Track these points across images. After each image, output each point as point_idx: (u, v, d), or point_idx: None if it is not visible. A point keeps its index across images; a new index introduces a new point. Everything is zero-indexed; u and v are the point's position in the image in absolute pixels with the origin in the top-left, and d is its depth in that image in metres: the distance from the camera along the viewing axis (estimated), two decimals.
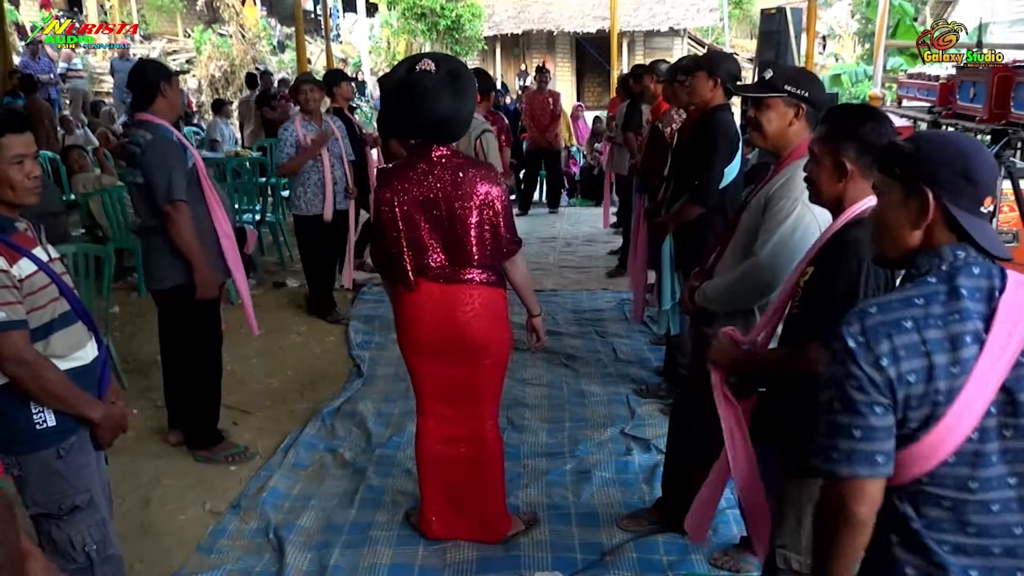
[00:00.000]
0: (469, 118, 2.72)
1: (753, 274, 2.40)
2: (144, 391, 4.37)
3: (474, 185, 2.64)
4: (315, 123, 5.25)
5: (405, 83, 2.58)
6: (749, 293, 2.45)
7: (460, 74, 2.65)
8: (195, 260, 3.37)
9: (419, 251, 2.69)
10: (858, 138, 1.91)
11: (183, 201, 3.31)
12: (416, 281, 2.71)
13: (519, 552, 2.95)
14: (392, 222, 2.67)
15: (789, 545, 2.10)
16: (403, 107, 2.60)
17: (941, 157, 1.41)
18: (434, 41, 18.54)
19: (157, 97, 3.37)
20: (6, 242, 1.99)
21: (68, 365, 2.10)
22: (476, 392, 2.86)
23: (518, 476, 3.48)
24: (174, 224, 3.31)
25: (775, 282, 2.38)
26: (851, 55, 17.36)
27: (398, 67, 2.68)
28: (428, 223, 2.66)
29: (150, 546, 3.04)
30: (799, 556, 2.08)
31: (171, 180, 3.28)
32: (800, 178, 2.31)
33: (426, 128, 2.63)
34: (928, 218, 1.41)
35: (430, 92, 2.55)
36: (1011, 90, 5.50)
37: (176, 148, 3.36)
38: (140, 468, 3.61)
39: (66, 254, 4.25)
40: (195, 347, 3.61)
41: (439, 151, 2.67)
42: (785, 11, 8.82)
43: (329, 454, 3.76)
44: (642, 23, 19.63)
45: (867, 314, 1.36)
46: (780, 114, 2.41)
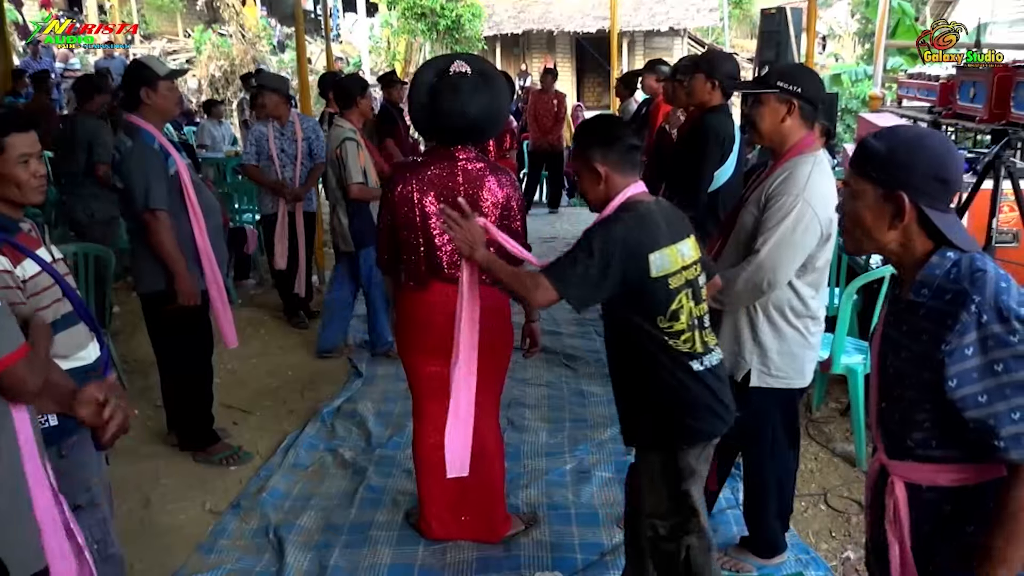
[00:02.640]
0: (503, 118, 2.74)
1: (755, 272, 2.41)
2: (144, 391, 4.38)
3: (495, 189, 2.66)
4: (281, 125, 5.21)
5: (440, 86, 2.57)
6: (753, 292, 2.45)
7: (492, 74, 2.67)
8: (176, 268, 3.34)
9: (433, 251, 2.69)
10: (598, 143, 2.14)
11: (162, 210, 3.28)
12: (429, 281, 2.71)
13: (519, 552, 2.95)
14: (411, 221, 2.66)
15: (654, 513, 2.23)
16: (440, 111, 2.58)
17: (915, 161, 1.46)
18: (434, 41, 18.53)
19: (141, 102, 3.34)
20: (10, 243, 1.99)
21: (71, 365, 2.10)
22: (478, 393, 2.85)
23: (518, 476, 3.48)
24: (153, 233, 3.29)
25: (777, 280, 2.40)
26: (851, 55, 17.34)
27: (425, 70, 2.65)
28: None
29: (150, 546, 3.04)
30: (663, 522, 2.22)
31: (148, 189, 3.25)
32: (801, 174, 2.37)
33: (464, 131, 2.63)
34: (904, 220, 1.47)
35: (467, 94, 2.55)
36: (1011, 90, 5.51)
37: (155, 155, 3.30)
38: (140, 468, 3.61)
39: (67, 254, 4.26)
40: (181, 351, 3.59)
41: (463, 152, 2.67)
42: (785, 11, 8.82)
43: (329, 454, 3.76)
44: (642, 23, 19.61)
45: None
46: (772, 110, 2.43)
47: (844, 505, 3.26)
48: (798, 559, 2.89)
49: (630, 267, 2.03)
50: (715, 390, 2.16)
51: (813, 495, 3.34)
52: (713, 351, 2.20)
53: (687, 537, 2.19)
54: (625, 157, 2.15)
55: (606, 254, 2.00)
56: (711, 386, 2.15)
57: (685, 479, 2.16)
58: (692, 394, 2.13)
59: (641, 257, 2.03)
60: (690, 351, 2.12)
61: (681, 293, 2.10)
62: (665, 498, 2.19)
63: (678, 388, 2.12)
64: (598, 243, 2.02)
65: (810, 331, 2.54)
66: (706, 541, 2.22)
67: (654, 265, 2.05)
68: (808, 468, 3.56)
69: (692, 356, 2.13)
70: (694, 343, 2.13)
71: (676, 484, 2.17)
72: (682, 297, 2.10)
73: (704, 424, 2.15)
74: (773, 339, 2.50)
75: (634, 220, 2.07)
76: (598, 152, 2.14)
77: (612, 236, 2.02)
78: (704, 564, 2.21)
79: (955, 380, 1.39)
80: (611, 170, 2.14)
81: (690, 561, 2.20)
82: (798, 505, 3.27)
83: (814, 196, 2.37)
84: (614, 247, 2.01)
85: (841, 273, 4.22)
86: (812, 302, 2.51)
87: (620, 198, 2.14)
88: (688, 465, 2.15)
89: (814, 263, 2.46)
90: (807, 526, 3.13)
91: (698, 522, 2.20)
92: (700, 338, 2.15)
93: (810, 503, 3.29)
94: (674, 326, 2.09)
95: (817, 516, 3.20)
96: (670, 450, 2.16)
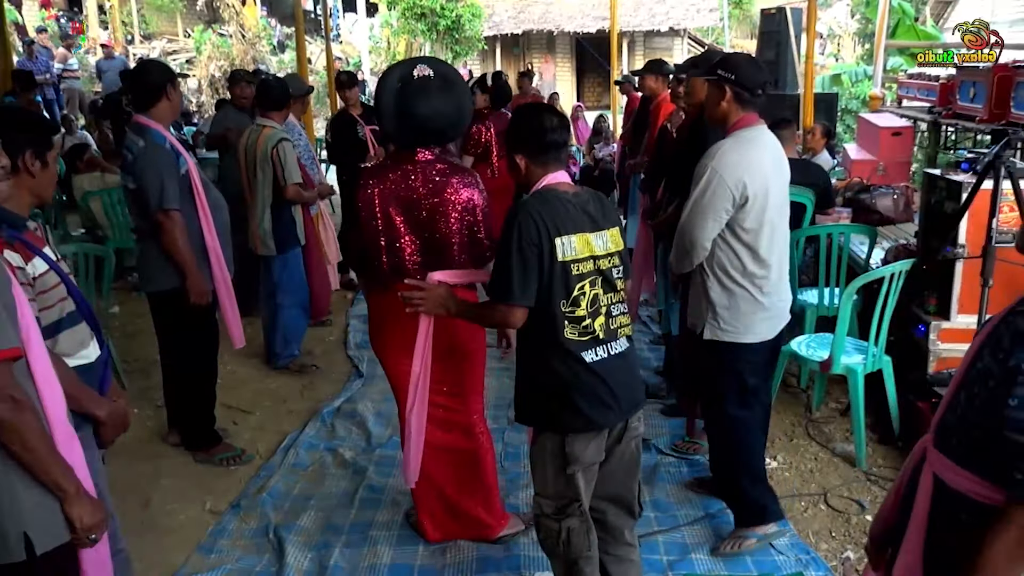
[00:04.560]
0: (466, 119, 2.78)
1: (679, 235, 2.77)
2: (144, 391, 4.38)
3: (456, 190, 2.67)
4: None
5: (405, 91, 2.60)
6: (681, 252, 2.80)
7: (454, 77, 2.70)
8: (188, 267, 3.35)
9: (396, 251, 2.70)
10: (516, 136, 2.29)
11: (176, 210, 3.29)
12: (392, 281, 2.72)
13: (519, 552, 2.95)
14: (372, 225, 2.68)
15: (541, 492, 2.31)
16: (407, 114, 2.61)
17: None
18: (434, 41, 18.52)
19: (161, 99, 3.34)
20: (21, 240, 2.00)
21: (75, 363, 2.12)
22: (460, 388, 2.90)
23: (518, 476, 3.48)
24: (166, 233, 3.30)
25: (695, 242, 2.71)
26: (851, 55, 17.34)
27: (389, 75, 2.68)
28: (407, 224, 2.68)
29: (150, 546, 3.04)
30: (549, 501, 2.28)
31: (163, 189, 3.25)
32: (716, 147, 2.73)
33: (430, 132, 2.65)
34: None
35: (433, 97, 2.58)
36: (1011, 90, 5.51)
37: (168, 155, 3.31)
38: (140, 468, 3.61)
39: (67, 254, 4.26)
40: (189, 350, 3.59)
41: (423, 154, 2.70)
42: (785, 11, 8.80)
43: (329, 454, 3.77)
44: (642, 23, 19.61)
45: None
46: (711, 94, 2.80)
47: (844, 505, 3.26)
48: (798, 559, 2.89)
49: (541, 248, 2.13)
50: (609, 382, 2.20)
51: (813, 495, 3.34)
52: (619, 339, 2.25)
53: (568, 520, 2.26)
54: (541, 151, 2.25)
55: (520, 244, 2.12)
56: (604, 378, 2.20)
57: (571, 464, 2.21)
58: (582, 384, 2.19)
59: (546, 240, 2.13)
60: (590, 339, 2.19)
61: (585, 280, 2.17)
62: (551, 480, 2.26)
63: (569, 377, 2.19)
64: (511, 239, 2.13)
65: (761, 291, 2.76)
66: (586, 524, 2.29)
67: (560, 249, 2.14)
68: (808, 468, 3.56)
69: (590, 345, 2.19)
70: (595, 330, 2.20)
71: (562, 468, 2.23)
72: (585, 284, 2.18)
73: (594, 414, 2.20)
74: (721, 296, 2.76)
75: (538, 205, 2.17)
76: (515, 144, 2.29)
77: (518, 225, 2.14)
78: (580, 545, 2.28)
79: (1017, 400, 1.36)
80: (529, 162, 2.27)
81: (570, 541, 2.27)
82: (798, 505, 3.27)
83: (724, 164, 2.66)
84: (520, 233, 2.13)
85: (841, 273, 4.22)
86: (752, 264, 2.74)
87: (537, 187, 2.26)
88: (574, 452, 2.20)
89: (740, 225, 2.70)
90: (807, 526, 3.13)
91: (579, 506, 2.26)
92: (605, 325, 2.22)
93: (810, 503, 3.29)
94: (575, 311, 2.17)
95: (817, 516, 3.20)
96: (559, 434, 2.22)
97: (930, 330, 3.59)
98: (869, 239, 4.41)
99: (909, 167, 7.54)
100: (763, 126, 2.80)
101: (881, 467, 3.53)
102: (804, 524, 3.14)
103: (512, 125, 2.34)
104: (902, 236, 4.59)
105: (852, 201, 5.14)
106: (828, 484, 3.42)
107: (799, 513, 3.21)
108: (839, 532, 3.09)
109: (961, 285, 3.51)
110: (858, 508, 3.23)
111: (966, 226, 3.44)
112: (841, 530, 3.10)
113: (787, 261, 2.89)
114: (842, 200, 5.24)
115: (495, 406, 4.16)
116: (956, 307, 3.54)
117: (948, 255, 3.47)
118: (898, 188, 5.13)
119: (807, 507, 3.26)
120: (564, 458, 2.21)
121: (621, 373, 2.25)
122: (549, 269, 2.14)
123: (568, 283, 2.16)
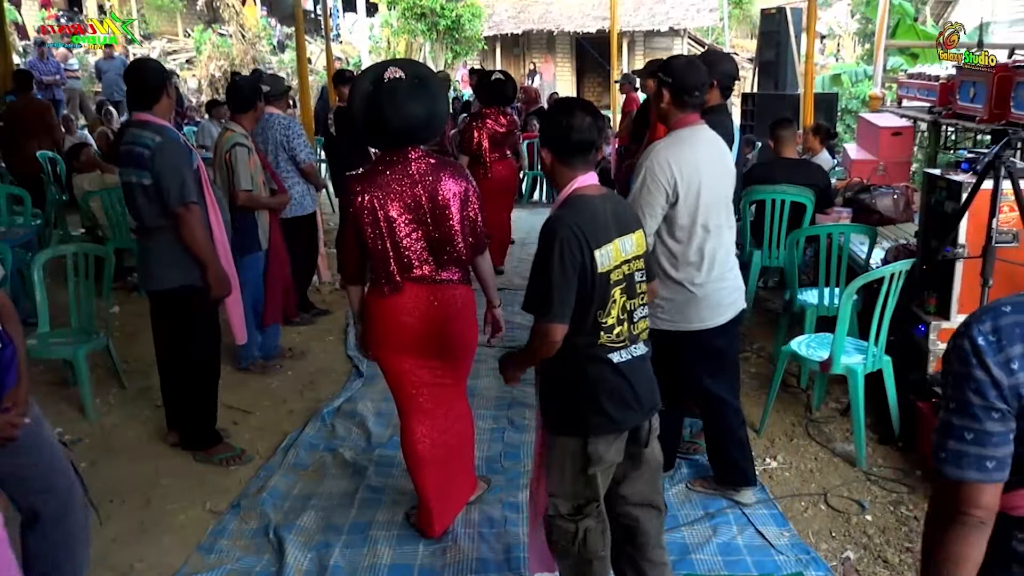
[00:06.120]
0: (445, 118, 2.82)
1: None
2: (144, 391, 4.38)
3: (452, 182, 2.72)
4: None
5: (377, 94, 2.62)
6: None
7: (427, 77, 2.73)
8: (208, 260, 3.37)
9: (401, 253, 2.72)
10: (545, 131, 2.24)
11: (195, 203, 3.32)
12: (403, 283, 2.74)
13: (519, 552, 2.95)
14: (376, 229, 2.68)
15: (556, 493, 2.28)
16: (380, 117, 2.63)
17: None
18: (434, 41, 18.53)
19: (162, 96, 3.36)
20: None
21: None
22: (455, 381, 2.98)
23: (517, 476, 3.48)
24: (187, 226, 3.31)
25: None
26: (851, 55, 17.34)
27: (362, 79, 2.71)
28: (411, 224, 2.70)
29: (150, 546, 3.04)
30: (565, 502, 2.27)
31: (183, 182, 3.28)
32: (657, 146, 2.87)
33: (406, 134, 2.68)
34: None
35: (405, 98, 2.61)
36: (1011, 90, 5.52)
37: (184, 150, 3.37)
38: (140, 468, 3.61)
39: (66, 254, 4.26)
40: (193, 348, 3.59)
41: (415, 152, 2.73)
42: (785, 11, 8.82)
43: (329, 454, 3.76)
44: (642, 23, 19.62)
45: (1001, 313, 1.24)
46: (655, 96, 3.00)
47: (844, 505, 3.26)
48: (798, 559, 2.89)
49: (582, 263, 2.09)
50: (632, 382, 2.21)
51: (813, 495, 3.34)
52: (639, 342, 2.26)
53: (585, 520, 2.25)
54: (567, 150, 2.18)
55: (564, 263, 2.07)
56: (628, 378, 2.20)
57: (592, 465, 2.21)
58: (609, 385, 2.19)
59: (588, 254, 2.09)
60: (615, 343, 2.18)
61: (617, 288, 2.16)
62: (570, 480, 2.24)
63: (596, 378, 2.18)
64: (552, 256, 2.07)
65: (694, 282, 2.92)
66: (602, 524, 2.28)
67: (599, 260, 2.12)
68: (808, 468, 3.56)
69: (615, 348, 2.19)
70: (621, 335, 2.19)
71: (583, 468, 2.22)
72: (617, 291, 2.16)
73: (618, 415, 2.20)
74: (662, 288, 2.87)
75: (575, 217, 2.11)
76: (543, 139, 2.24)
77: (561, 242, 2.08)
78: (596, 545, 2.27)
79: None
80: (555, 159, 2.21)
81: (586, 542, 2.26)
82: (798, 505, 3.27)
83: (655, 162, 2.81)
84: (563, 249, 2.07)
85: (841, 273, 4.22)
86: (682, 255, 2.90)
87: (567, 191, 2.21)
88: (597, 452, 2.20)
89: (676, 220, 2.85)
90: (807, 526, 3.13)
91: (596, 506, 2.26)
92: (629, 330, 2.21)
93: (810, 503, 3.29)
94: (607, 321, 2.16)
95: (817, 516, 3.20)
96: (582, 436, 2.21)
97: (930, 330, 3.59)
98: (869, 239, 4.41)
99: (909, 167, 7.56)
100: (701, 125, 2.93)
101: (881, 467, 3.53)
102: (804, 524, 3.14)
103: (544, 118, 2.30)
104: (902, 236, 4.59)
105: (852, 201, 5.15)
106: (828, 484, 3.42)
107: (799, 513, 3.21)
108: (839, 532, 3.09)
109: (961, 285, 3.51)
110: (858, 508, 3.23)
111: (966, 226, 3.44)
112: (841, 530, 3.10)
113: (731, 253, 3.04)
114: (842, 200, 5.25)
115: (495, 406, 4.17)
116: (956, 307, 3.54)
117: (948, 255, 3.47)
118: (898, 188, 5.13)
119: (807, 507, 3.26)
120: (586, 459, 2.20)
121: (642, 374, 2.25)
122: (592, 281, 2.11)
123: (605, 292, 2.14)
